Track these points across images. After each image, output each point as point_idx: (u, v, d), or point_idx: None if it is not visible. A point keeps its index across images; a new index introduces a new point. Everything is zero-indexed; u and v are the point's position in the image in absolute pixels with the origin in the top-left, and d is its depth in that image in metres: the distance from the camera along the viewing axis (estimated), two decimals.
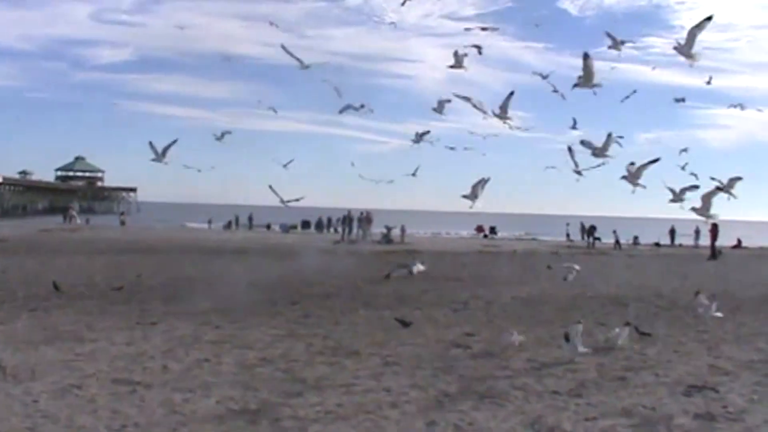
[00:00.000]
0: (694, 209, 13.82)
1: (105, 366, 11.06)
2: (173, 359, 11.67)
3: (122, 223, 78.90)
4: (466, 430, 8.27)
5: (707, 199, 13.75)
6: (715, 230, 44.21)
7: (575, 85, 14.18)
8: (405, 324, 14.75)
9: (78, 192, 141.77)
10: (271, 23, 26.97)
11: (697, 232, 64.96)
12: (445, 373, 11.06)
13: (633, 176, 13.92)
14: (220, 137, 22.23)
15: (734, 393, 10.18)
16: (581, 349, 12.12)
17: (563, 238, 71.57)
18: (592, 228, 60.57)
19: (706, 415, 9.05)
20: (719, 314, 15.00)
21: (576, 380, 10.74)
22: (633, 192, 13.99)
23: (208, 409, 8.97)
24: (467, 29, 18.51)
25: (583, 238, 64.92)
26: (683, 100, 22.04)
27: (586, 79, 13.91)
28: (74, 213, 79.46)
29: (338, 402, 9.34)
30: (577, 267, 18.35)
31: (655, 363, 12.08)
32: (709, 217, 14.02)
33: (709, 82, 20.32)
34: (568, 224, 74.45)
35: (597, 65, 13.95)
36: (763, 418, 9.01)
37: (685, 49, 13.40)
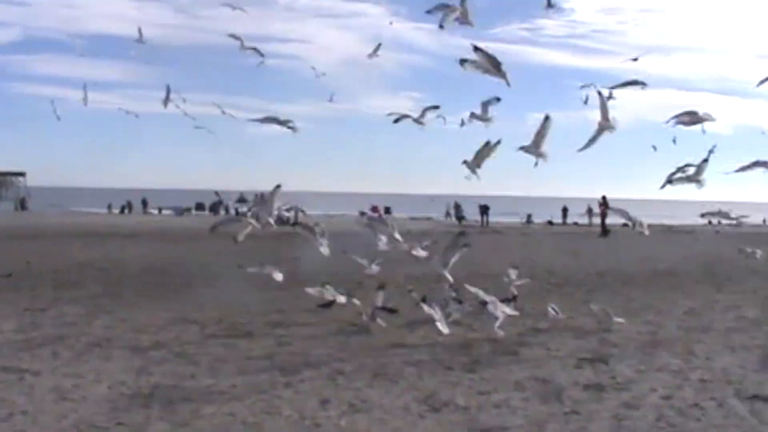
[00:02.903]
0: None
1: None
2: (63, 345, 11.38)
3: (23, 207, 76.11)
4: (360, 408, 8.26)
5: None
6: (605, 208, 45.26)
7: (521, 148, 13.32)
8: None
9: None
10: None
11: (590, 211, 66.20)
12: (339, 351, 11.09)
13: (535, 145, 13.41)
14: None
15: (623, 364, 10.48)
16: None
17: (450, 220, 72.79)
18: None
19: (595, 386, 9.29)
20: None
21: (470, 356, 10.88)
22: (536, 165, 13.46)
23: (100, 395, 8.76)
24: None
25: (450, 216, 68.06)
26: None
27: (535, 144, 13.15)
28: None
29: (232, 383, 9.27)
30: None
31: (548, 338, 12.32)
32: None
33: (636, 59, 20.38)
34: (447, 204, 75.87)
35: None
36: (649, 386, 9.28)
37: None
